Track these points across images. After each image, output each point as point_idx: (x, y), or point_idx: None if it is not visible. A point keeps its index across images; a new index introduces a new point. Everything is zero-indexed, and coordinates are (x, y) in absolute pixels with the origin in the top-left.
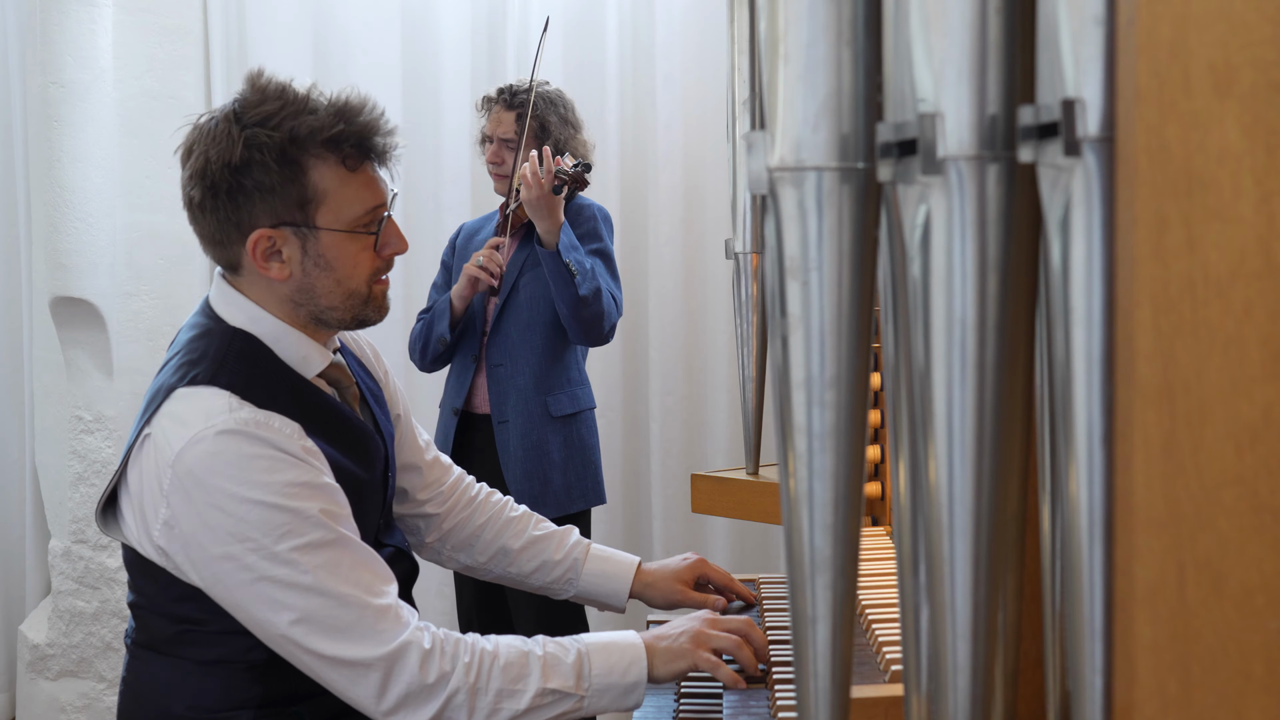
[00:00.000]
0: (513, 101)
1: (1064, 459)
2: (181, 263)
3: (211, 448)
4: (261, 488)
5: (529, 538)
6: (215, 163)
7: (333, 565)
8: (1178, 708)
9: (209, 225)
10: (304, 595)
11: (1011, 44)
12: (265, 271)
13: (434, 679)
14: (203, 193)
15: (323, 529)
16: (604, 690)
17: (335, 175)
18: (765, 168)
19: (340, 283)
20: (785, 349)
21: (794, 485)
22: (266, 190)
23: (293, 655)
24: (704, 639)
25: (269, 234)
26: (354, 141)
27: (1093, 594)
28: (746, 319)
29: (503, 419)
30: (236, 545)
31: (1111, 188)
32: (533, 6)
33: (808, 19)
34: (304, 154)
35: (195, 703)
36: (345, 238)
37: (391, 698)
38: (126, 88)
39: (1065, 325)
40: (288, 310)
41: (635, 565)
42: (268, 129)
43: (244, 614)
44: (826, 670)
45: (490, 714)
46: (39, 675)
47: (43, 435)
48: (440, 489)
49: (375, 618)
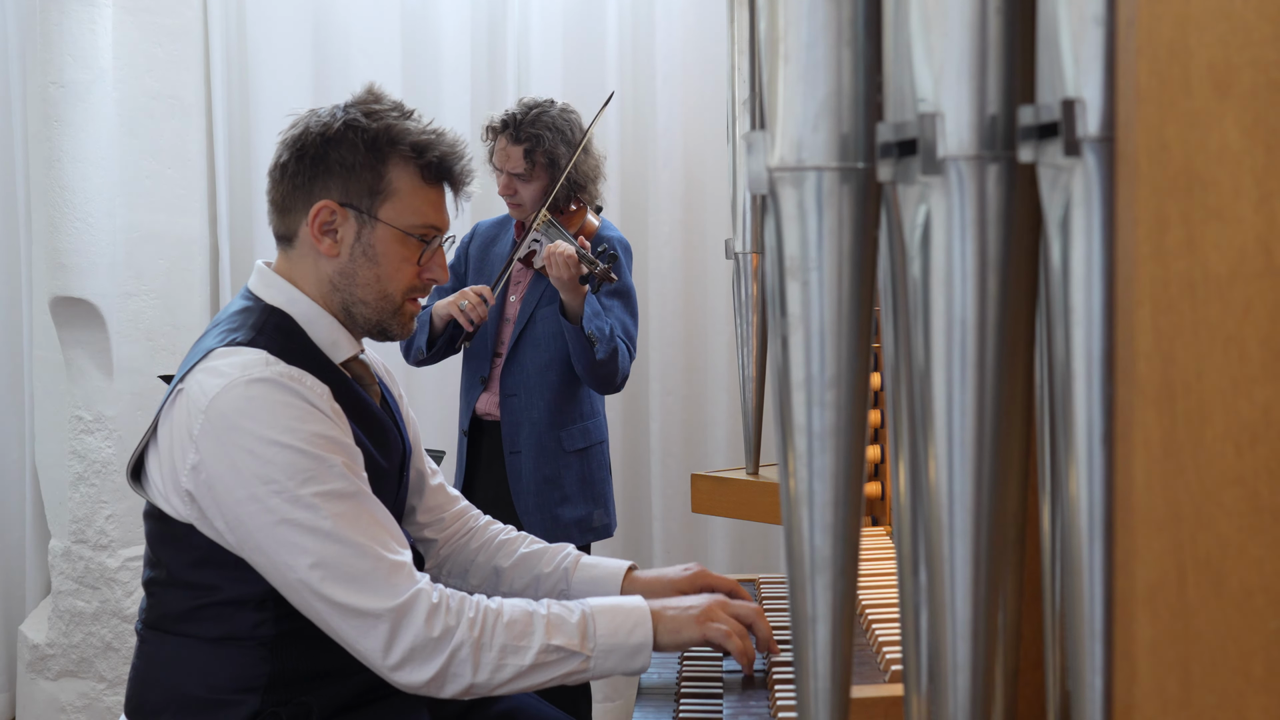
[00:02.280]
0: (519, 135)
1: (1064, 459)
2: (181, 263)
3: (245, 393)
4: (290, 433)
5: (519, 556)
6: (313, 131)
7: (352, 516)
8: (1178, 708)
9: (283, 189)
10: (323, 541)
11: (1011, 44)
12: (318, 244)
13: (439, 633)
14: (290, 155)
15: (345, 480)
16: (609, 651)
17: (411, 180)
18: (765, 168)
19: (380, 280)
20: (785, 349)
21: (794, 485)
22: (347, 168)
23: (307, 603)
24: (714, 613)
25: (333, 207)
26: (437, 158)
27: (1093, 594)
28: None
29: (515, 449)
30: (261, 487)
31: (1111, 188)
32: (533, 6)
33: (808, 19)
34: (391, 150)
35: (204, 682)
36: (398, 239)
37: (398, 652)
38: (126, 88)
39: (1065, 325)
40: (325, 293)
41: (624, 570)
42: (368, 119)
43: (264, 559)
44: (826, 670)
45: (495, 669)
46: (39, 675)
47: (43, 435)
48: (441, 515)
49: (389, 571)
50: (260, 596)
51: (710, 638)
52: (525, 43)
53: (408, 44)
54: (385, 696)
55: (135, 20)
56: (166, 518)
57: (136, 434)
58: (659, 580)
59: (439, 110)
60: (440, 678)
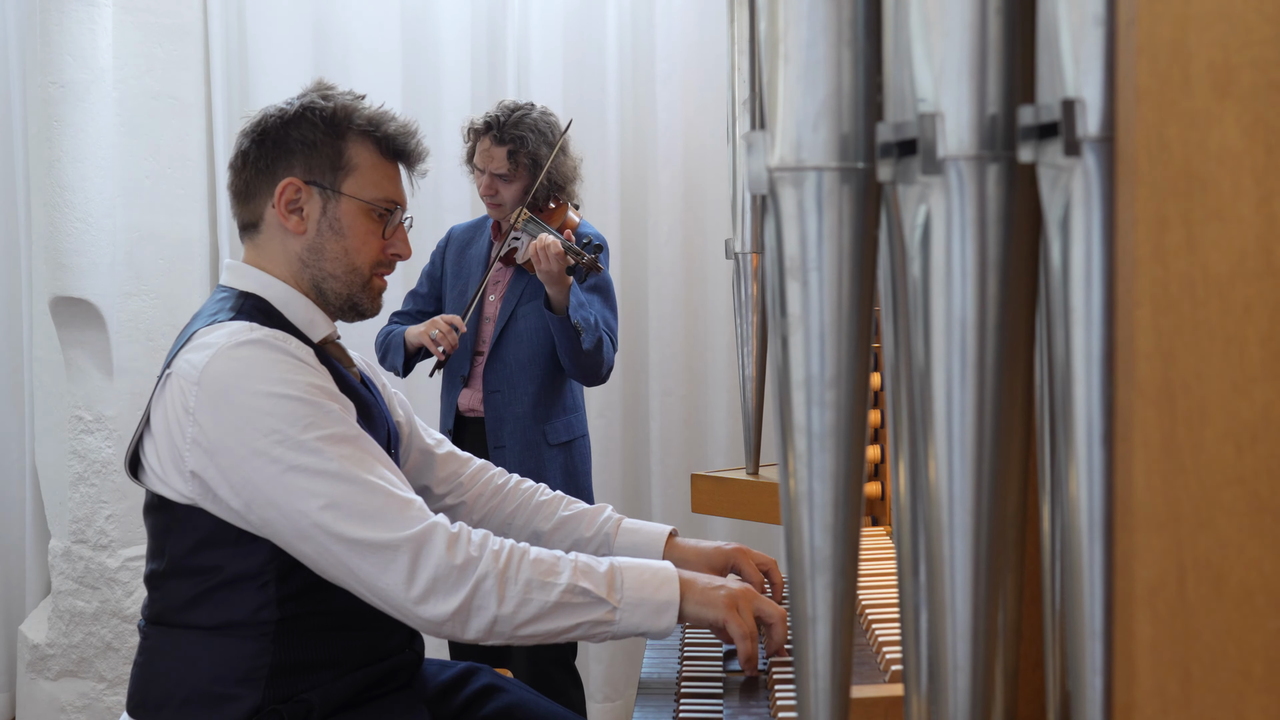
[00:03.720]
0: (503, 136)
1: (1064, 459)
2: (181, 263)
3: (235, 354)
4: (285, 384)
5: (559, 519)
6: (270, 117)
7: (357, 457)
8: (1178, 708)
9: (245, 177)
10: (331, 482)
11: (1011, 44)
12: (284, 221)
13: (461, 560)
14: (250, 142)
15: (344, 424)
16: (636, 605)
17: (369, 155)
18: (765, 168)
19: (348, 253)
20: (785, 349)
21: (794, 485)
22: (309, 145)
23: (325, 549)
24: (744, 599)
25: (297, 185)
26: (391, 133)
27: (1093, 594)
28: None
29: (499, 444)
30: (263, 439)
31: (1111, 188)
32: (533, 6)
33: (808, 19)
34: (348, 128)
35: (206, 674)
36: (362, 211)
37: (420, 583)
38: (126, 88)
39: (1065, 325)
40: (295, 271)
41: (665, 535)
42: (324, 100)
43: (276, 513)
44: (826, 670)
45: (520, 602)
46: (39, 675)
47: (43, 435)
48: (459, 480)
49: (401, 505)
50: (260, 568)
51: (730, 629)
52: (525, 43)
53: (408, 44)
54: (385, 694)
55: (135, 20)
56: (168, 504)
57: None
58: (696, 551)
59: (439, 110)
60: (465, 610)
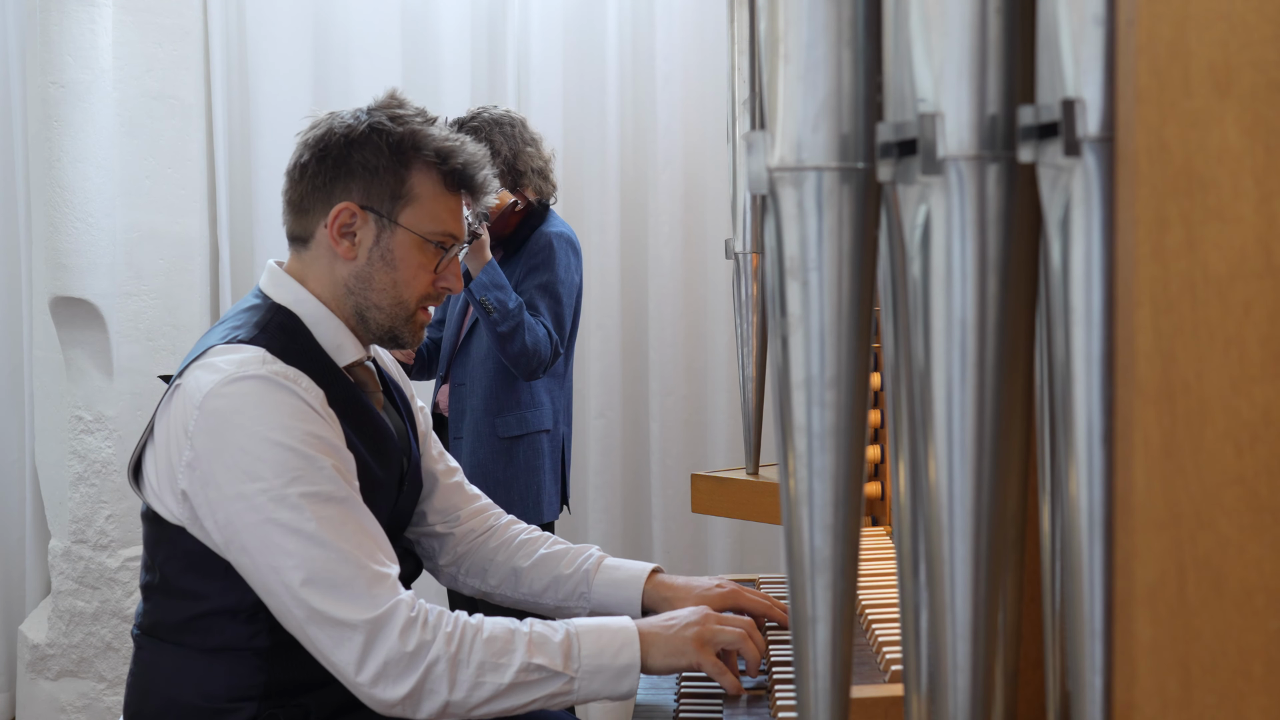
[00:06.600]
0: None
1: (1064, 459)
2: (181, 263)
3: (239, 389)
4: (282, 430)
5: (539, 556)
6: (336, 132)
7: (338, 521)
8: (1178, 708)
9: (301, 190)
10: (306, 543)
11: (1011, 44)
12: (335, 246)
13: (413, 647)
14: (311, 155)
15: (334, 484)
16: (594, 672)
17: (432, 187)
18: (765, 168)
19: (396, 285)
20: (785, 349)
21: (794, 485)
22: (370, 170)
23: (286, 609)
24: (708, 637)
25: (354, 209)
26: (460, 165)
27: (1093, 594)
28: (746, 319)
29: (457, 435)
30: (249, 484)
31: (1111, 188)
32: (533, 6)
33: (808, 19)
34: (415, 156)
35: (201, 691)
36: (417, 244)
37: (371, 668)
38: (126, 88)
39: (1065, 325)
40: (338, 296)
41: (647, 572)
42: (393, 123)
43: (249, 561)
44: (826, 670)
45: (472, 687)
46: (39, 675)
47: (43, 435)
48: (456, 514)
49: (371, 581)
50: (250, 608)
51: (706, 670)
52: (525, 43)
53: (408, 44)
54: None
55: (135, 20)
56: (160, 520)
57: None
58: (687, 590)
59: (439, 111)
60: (415, 695)
